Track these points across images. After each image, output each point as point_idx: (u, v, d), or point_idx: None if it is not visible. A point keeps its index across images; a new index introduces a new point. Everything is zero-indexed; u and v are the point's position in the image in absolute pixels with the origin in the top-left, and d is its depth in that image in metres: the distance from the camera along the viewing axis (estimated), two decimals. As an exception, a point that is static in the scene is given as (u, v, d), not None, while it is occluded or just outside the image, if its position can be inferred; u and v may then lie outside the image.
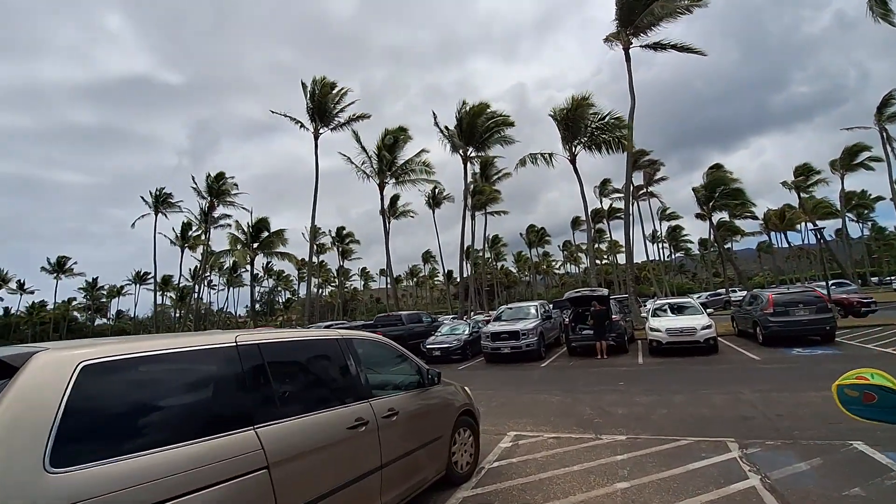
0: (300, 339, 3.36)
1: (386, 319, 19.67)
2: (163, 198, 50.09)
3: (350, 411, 3.24)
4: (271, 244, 32.26)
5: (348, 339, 3.68)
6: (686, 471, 4.50)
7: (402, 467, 3.65)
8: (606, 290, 15.92)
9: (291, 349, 3.26)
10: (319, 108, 28.38)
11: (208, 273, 78.82)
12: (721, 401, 7.43)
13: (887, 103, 37.87)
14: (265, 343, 2.93)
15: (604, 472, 4.67)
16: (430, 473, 4.09)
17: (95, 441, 1.97)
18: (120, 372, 2.18)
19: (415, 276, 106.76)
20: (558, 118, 22.96)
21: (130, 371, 2.23)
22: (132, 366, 2.24)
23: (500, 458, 5.34)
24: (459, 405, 4.75)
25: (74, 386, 1.95)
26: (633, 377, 10.27)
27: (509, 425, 6.92)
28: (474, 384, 11.26)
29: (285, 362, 3.15)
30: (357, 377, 3.52)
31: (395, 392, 4.00)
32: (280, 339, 3.15)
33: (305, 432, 2.80)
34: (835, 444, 4.89)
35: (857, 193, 61.19)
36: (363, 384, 3.54)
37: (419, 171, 29.47)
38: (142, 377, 2.28)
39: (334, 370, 3.50)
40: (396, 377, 4.31)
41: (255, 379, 2.72)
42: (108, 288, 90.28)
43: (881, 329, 14.28)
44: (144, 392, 2.29)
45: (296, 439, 2.71)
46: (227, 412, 2.53)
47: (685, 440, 5.50)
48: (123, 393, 2.19)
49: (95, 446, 1.94)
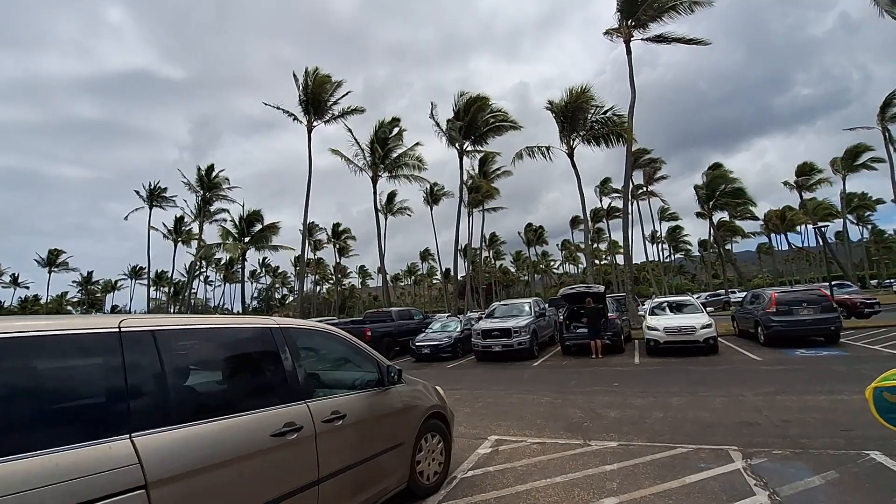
0: (216, 327, 2.75)
1: (375, 316, 19.11)
2: (157, 191, 49.52)
3: (277, 415, 2.68)
4: (263, 238, 31.61)
5: (286, 328, 3.11)
6: (683, 484, 3.95)
7: (349, 481, 3.09)
8: (603, 287, 15.35)
9: (202, 339, 2.67)
10: (313, 101, 27.78)
11: (204, 268, 78.33)
12: (721, 404, 6.88)
13: (890, 103, 37.25)
14: (163, 330, 2.36)
15: (590, 484, 4.11)
16: (387, 486, 3.53)
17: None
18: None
19: (412, 274, 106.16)
20: (556, 111, 22.36)
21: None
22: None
23: (475, 467, 4.78)
24: (427, 407, 4.18)
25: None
26: (629, 378, 9.72)
27: (492, 428, 6.36)
28: (462, 383, 10.77)
29: (190, 354, 2.58)
30: (293, 374, 2.95)
31: (345, 392, 3.43)
32: (185, 325, 2.56)
33: (207, 441, 2.23)
34: (849, 455, 4.33)
35: (858, 195, 60.76)
36: (300, 382, 2.97)
37: (412, 166, 28.84)
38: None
39: (261, 365, 2.94)
40: (348, 375, 3.75)
41: (139, 374, 2.15)
42: (104, 283, 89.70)
43: (887, 330, 13.74)
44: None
45: (191, 451, 2.14)
46: (96, 415, 1.97)
47: (682, 448, 4.95)
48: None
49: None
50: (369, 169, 28.90)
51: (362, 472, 3.24)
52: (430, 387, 4.59)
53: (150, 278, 61.17)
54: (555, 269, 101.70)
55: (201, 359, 2.68)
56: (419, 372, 13.01)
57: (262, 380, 2.91)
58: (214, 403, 2.51)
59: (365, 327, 16.41)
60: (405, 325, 18.36)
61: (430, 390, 4.49)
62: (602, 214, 65.02)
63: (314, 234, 73.91)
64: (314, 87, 27.32)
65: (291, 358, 3.00)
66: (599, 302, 13.85)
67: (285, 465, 2.63)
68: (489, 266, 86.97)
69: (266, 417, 2.61)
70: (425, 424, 4.12)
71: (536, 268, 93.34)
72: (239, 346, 2.88)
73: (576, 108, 21.79)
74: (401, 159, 29.06)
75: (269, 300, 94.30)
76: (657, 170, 50.68)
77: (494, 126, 27.41)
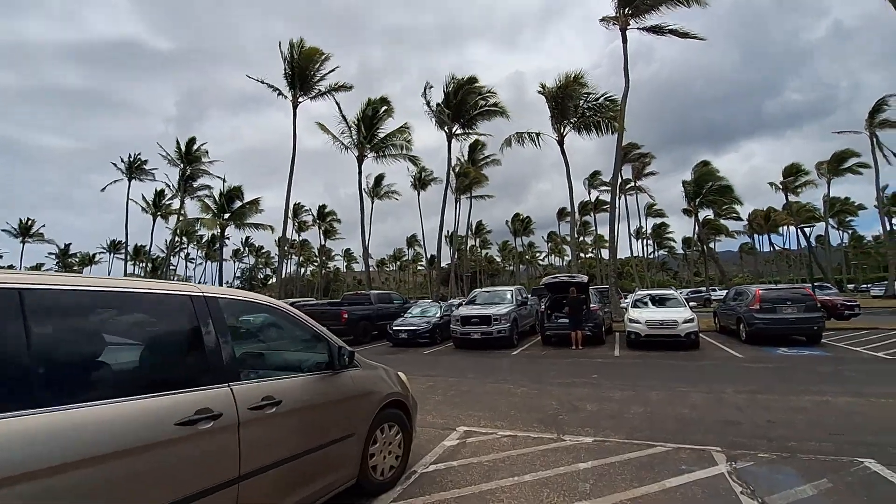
0: (114, 291, 2.21)
1: (354, 298, 18.60)
2: (137, 164, 47.90)
3: (189, 399, 2.21)
4: (244, 215, 30.65)
5: (212, 297, 2.62)
6: (663, 489, 3.59)
7: (282, 477, 2.64)
8: (586, 277, 15.04)
9: (93, 304, 2.16)
10: (300, 75, 26.78)
11: (185, 245, 76.59)
12: (702, 400, 6.59)
13: (880, 109, 37.52)
14: (35, 289, 1.87)
15: (561, 485, 3.73)
16: (333, 482, 3.10)
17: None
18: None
19: (398, 259, 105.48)
20: (548, 95, 21.81)
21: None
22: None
23: (439, 461, 4.38)
24: (385, 395, 3.74)
25: None
26: (608, 370, 9.42)
27: (462, 419, 5.97)
28: (436, 370, 10.38)
29: (74, 322, 2.08)
30: (215, 352, 2.47)
31: (285, 375, 2.97)
32: (70, 286, 2.04)
33: (79, 431, 1.76)
34: (842, 462, 4.02)
35: (841, 199, 61.58)
36: (224, 362, 2.49)
37: (400, 147, 28.08)
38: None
39: (173, 340, 2.47)
40: (293, 356, 3.30)
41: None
42: (81, 255, 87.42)
43: (867, 333, 13.68)
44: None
45: (52, 443, 1.67)
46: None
47: (662, 446, 4.60)
48: None
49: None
50: (355, 148, 28.09)
51: (300, 467, 2.80)
52: (392, 372, 4.16)
53: (128, 252, 59.74)
54: (540, 261, 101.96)
55: (90, 328, 2.18)
56: (394, 357, 12.60)
57: (173, 358, 2.43)
58: (100, 384, 2.02)
59: (342, 309, 15.93)
60: (384, 309, 17.89)
61: (390, 376, 4.05)
62: (590, 208, 64.99)
63: (299, 215, 72.62)
64: (300, 60, 26.29)
65: (216, 333, 2.52)
66: (582, 292, 13.54)
67: (194, 460, 2.16)
68: (475, 254, 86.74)
69: (172, 402, 2.14)
70: (382, 413, 3.68)
71: (522, 258, 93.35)
72: (144, 316, 2.40)
73: (567, 93, 21.27)
74: (388, 140, 28.27)
75: (252, 280, 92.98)
76: (646, 165, 50.63)
77: (484, 110, 26.76)
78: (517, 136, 23.34)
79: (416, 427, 4.49)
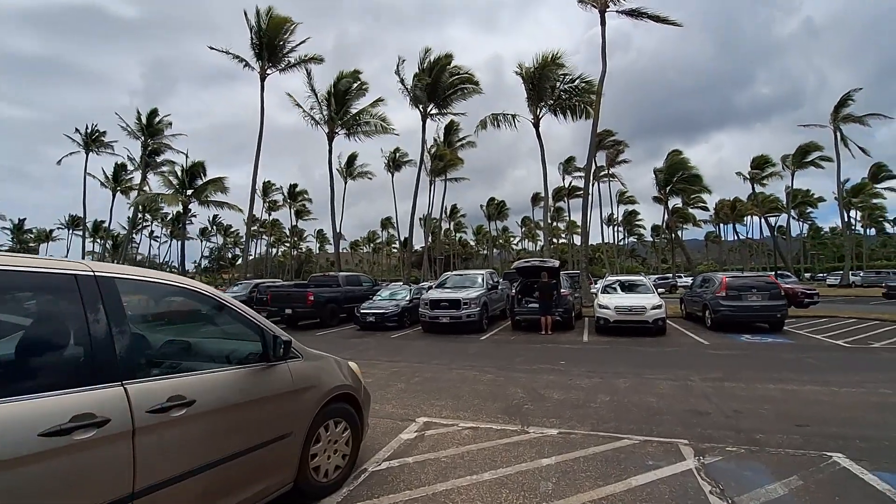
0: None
1: (321, 280, 18.04)
2: (95, 135, 45.26)
3: (62, 403, 1.79)
4: (206, 192, 29.30)
5: (106, 277, 2.17)
6: (628, 488, 3.36)
7: (191, 490, 2.25)
8: (558, 262, 14.91)
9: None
10: (268, 45, 25.48)
11: (148, 222, 73.53)
12: (669, 388, 6.47)
13: (845, 103, 38.62)
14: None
15: (522, 484, 3.46)
16: (264, 489, 2.72)
17: None
18: None
19: (372, 241, 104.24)
20: (525, 76, 21.37)
21: None
22: None
23: (393, 456, 4.06)
24: (330, 388, 3.37)
25: None
26: (576, 356, 9.29)
27: (423, 409, 5.67)
28: (402, 355, 10.05)
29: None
30: (105, 343, 2.03)
31: (204, 370, 2.56)
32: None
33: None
34: (811, 457, 3.88)
35: (803, 192, 63.71)
36: (118, 356, 2.06)
37: (374, 125, 27.19)
38: None
39: (48, 329, 2.02)
40: (217, 347, 2.89)
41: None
42: (38, 232, 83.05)
43: (828, 321, 14.05)
44: None
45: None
46: None
47: (629, 439, 4.40)
48: None
49: None
50: (325, 124, 27.06)
51: (221, 475, 2.41)
52: (343, 363, 3.78)
53: (86, 229, 57.00)
54: (514, 245, 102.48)
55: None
56: (360, 341, 12.22)
57: (45, 353, 1.98)
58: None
59: (308, 291, 15.37)
60: (352, 292, 17.41)
61: (340, 367, 3.67)
62: (564, 193, 65.40)
63: (270, 194, 70.56)
64: (269, 30, 24.97)
65: (108, 321, 2.07)
66: (554, 277, 13.40)
67: (66, 478, 1.75)
68: (449, 238, 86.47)
69: (36, 408, 1.71)
70: (327, 409, 3.31)
71: (496, 242, 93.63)
72: (9, 300, 1.94)
73: (545, 74, 20.85)
74: (361, 116, 27.32)
75: (220, 260, 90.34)
76: (620, 152, 50.88)
77: (459, 88, 26.10)
78: (492, 117, 22.88)
79: (371, 420, 4.17)
